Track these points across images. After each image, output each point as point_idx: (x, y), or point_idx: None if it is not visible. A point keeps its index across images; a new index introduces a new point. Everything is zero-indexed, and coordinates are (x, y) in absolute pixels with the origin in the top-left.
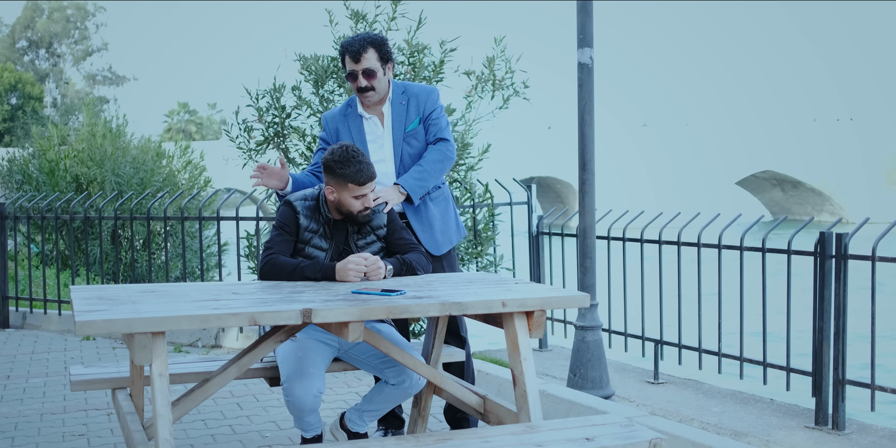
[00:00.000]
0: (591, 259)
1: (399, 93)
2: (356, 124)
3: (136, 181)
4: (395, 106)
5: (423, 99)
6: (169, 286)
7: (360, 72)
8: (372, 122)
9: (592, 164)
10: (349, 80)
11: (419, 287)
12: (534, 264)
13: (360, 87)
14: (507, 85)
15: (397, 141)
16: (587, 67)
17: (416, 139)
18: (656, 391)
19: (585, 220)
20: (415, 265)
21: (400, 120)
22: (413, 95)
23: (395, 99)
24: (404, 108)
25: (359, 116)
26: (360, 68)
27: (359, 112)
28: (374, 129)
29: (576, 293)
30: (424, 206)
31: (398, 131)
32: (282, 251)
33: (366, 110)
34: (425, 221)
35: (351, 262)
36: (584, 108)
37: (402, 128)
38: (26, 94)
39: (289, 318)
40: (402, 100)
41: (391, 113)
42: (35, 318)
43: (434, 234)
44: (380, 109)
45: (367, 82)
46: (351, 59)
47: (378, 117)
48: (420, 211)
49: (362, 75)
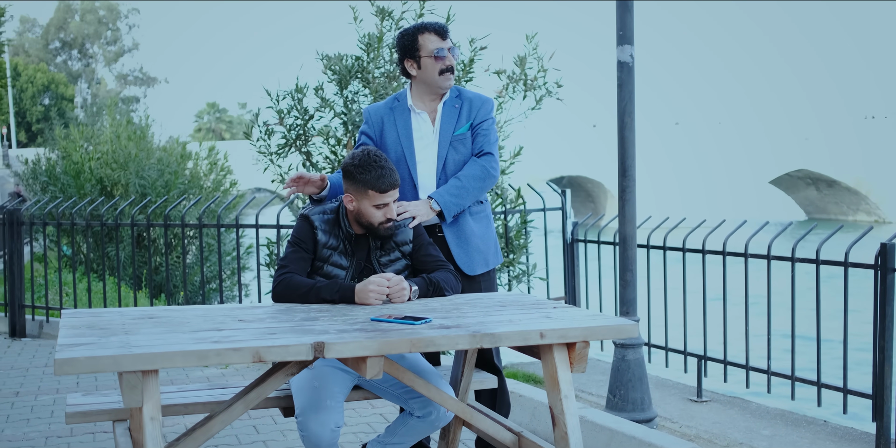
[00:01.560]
0: (631, 272)
1: (454, 95)
2: (403, 118)
3: (160, 184)
4: (447, 107)
5: (476, 105)
6: (170, 311)
7: (448, 49)
8: (421, 118)
9: (633, 170)
10: (433, 61)
11: (447, 312)
12: (568, 274)
13: (449, 65)
14: (540, 85)
15: (444, 143)
16: (627, 66)
17: (462, 145)
18: (700, 411)
19: (626, 230)
20: (442, 285)
21: (450, 121)
22: (467, 100)
23: (449, 100)
24: (456, 111)
25: (407, 110)
26: (447, 45)
27: (409, 105)
28: (422, 125)
29: (622, 322)
30: (463, 219)
31: (446, 133)
32: (297, 270)
33: (416, 104)
34: (462, 236)
35: (372, 283)
36: (623, 110)
37: (450, 130)
38: (59, 94)
39: (298, 354)
40: (455, 102)
41: (442, 113)
42: (52, 328)
43: (469, 252)
44: (433, 106)
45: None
46: (438, 36)
47: (429, 115)
48: (458, 224)
49: (450, 53)
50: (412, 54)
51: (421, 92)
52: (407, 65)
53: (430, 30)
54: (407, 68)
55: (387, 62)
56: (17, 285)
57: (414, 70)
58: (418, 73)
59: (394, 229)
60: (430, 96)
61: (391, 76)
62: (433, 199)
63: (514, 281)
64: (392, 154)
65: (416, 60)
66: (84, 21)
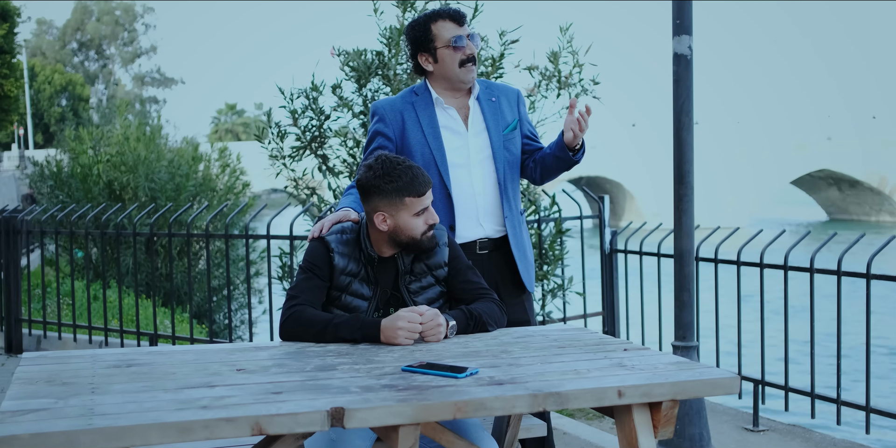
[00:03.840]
0: (689, 292)
1: (483, 88)
2: (428, 113)
3: (170, 187)
4: (484, 102)
5: (512, 99)
6: (154, 355)
7: (467, 36)
8: (450, 114)
9: (691, 177)
10: (451, 51)
11: (494, 357)
12: (606, 287)
13: (470, 55)
14: (575, 82)
15: (496, 142)
16: (685, 59)
17: (514, 145)
18: (758, 442)
19: (683, 244)
20: (485, 319)
21: (496, 117)
22: (502, 93)
23: (482, 94)
24: (496, 106)
25: (432, 103)
26: (465, 32)
27: (433, 97)
28: (451, 122)
29: (720, 375)
30: (521, 227)
31: (496, 131)
32: (310, 301)
33: (442, 97)
34: (521, 247)
35: (401, 319)
36: (680, 109)
37: (500, 128)
38: (76, 95)
39: (311, 423)
40: (490, 96)
41: (482, 109)
42: (50, 344)
43: (528, 265)
44: (464, 102)
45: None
46: (453, 23)
47: (459, 111)
48: (520, 232)
49: (471, 41)
50: (426, 46)
51: (441, 89)
52: (421, 60)
53: (444, 16)
54: (421, 64)
55: (410, 58)
56: (13, 298)
57: (430, 65)
58: (435, 67)
59: (435, 239)
60: (453, 93)
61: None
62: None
63: (549, 295)
64: (419, 157)
65: (432, 53)
66: (101, 22)
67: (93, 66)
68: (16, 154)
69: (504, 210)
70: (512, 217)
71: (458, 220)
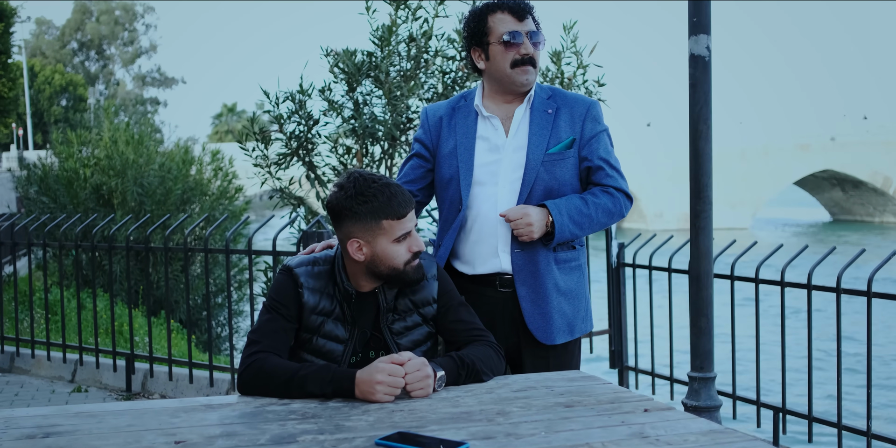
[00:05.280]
0: (707, 318)
1: (544, 97)
2: (467, 122)
3: (160, 192)
4: (537, 112)
5: (579, 112)
6: (81, 419)
7: (526, 33)
8: (491, 124)
9: (710, 191)
10: (503, 48)
11: (489, 421)
12: (613, 303)
13: (525, 54)
14: (579, 84)
15: (533, 161)
16: (702, 61)
17: (561, 167)
18: None
19: (700, 265)
20: (479, 367)
21: (542, 132)
22: (566, 105)
23: (537, 103)
24: (550, 119)
25: (473, 112)
26: (525, 29)
27: (475, 104)
28: (490, 134)
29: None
30: (546, 268)
31: (537, 148)
32: (273, 347)
33: (487, 106)
34: (540, 291)
35: (379, 372)
36: (698, 116)
37: (543, 144)
38: (76, 96)
39: None
40: (548, 106)
41: (530, 119)
42: (24, 361)
43: (548, 313)
44: (510, 110)
45: (535, 51)
46: (513, 16)
47: (503, 121)
48: (537, 273)
49: (528, 39)
50: (479, 40)
51: (493, 92)
52: (474, 55)
53: (504, 8)
54: (474, 60)
55: (402, 59)
56: None
57: (481, 61)
58: (486, 65)
59: (421, 270)
60: (505, 97)
61: (407, 75)
62: (550, 215)
63: None
64: (444, 170)
65: (484, 48)
66: (100, 22)
67: (93, 67)
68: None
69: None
70: (530, 250)
71: (473, 249)
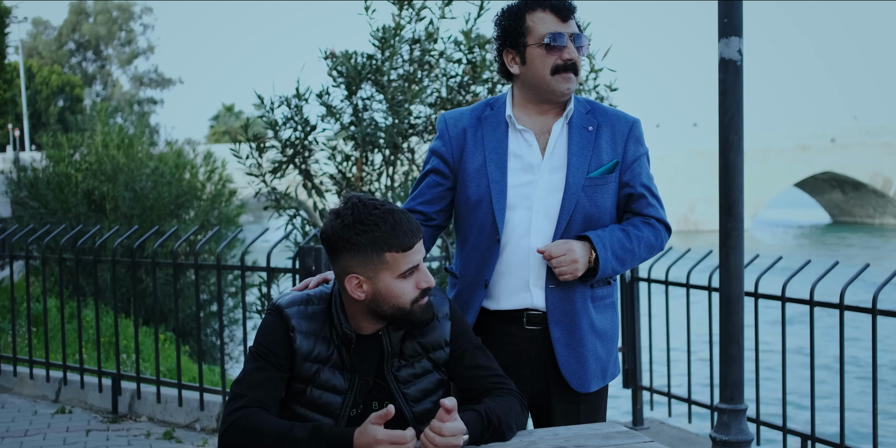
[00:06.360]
0: (738, 345)
1: (583, 111)
2: (497, 135)
3: (153, 196)
4: (576, 128)
5: (622, 132)
6: None
7: (569, 36)
8: (524, 139)
9: (741, 207)
10: (542, 51)
11: None
12: (627, 320)
13: (568, 60)
14: (590, 88)
15: (573, 186)
16: (734, 65)
17: (602, 193)
18: None
19: (731, 288)
20: (504, 427)
21: (583, 152)
22: (608, 122)
23: (576, 117)
24: (591, 137)
25: (504, 122)
26: (569, 31)
27: (506, 115)
28: (525, 150)
29: None
30: (582, 307)
31: (578, 170)
32: (260, 401)
33: (519, 117)
34: (576, 333)
35: (380, 444)
36: (728, 125)
37: (584, 166)
38: (73, 96)
39: None
40: (588, 123)
41: (568, 137)
42: (6, 379)
43: (584, 359)
44: (546, 124)
45: (578, 56)
46: (556, 16)
47: (538, 136)
48: (573, 313)
49: (572, 42)
50: (514, 41)
51: (526, 101)
52: (506, 58)
53: (546, 6)
54: (506, 63)
55: (405, 61)
56: None
57: (515, 65)
58: (521, 70)
59: (431, 309)
60: (540, 108)
61: (411, 79)
62: (595, 250)
63: None
64: (472, 190)
65: (520, 51)
66: (97, 22)
67: (90, 67)
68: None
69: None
70: (567, 287)
71: (499, 281)
